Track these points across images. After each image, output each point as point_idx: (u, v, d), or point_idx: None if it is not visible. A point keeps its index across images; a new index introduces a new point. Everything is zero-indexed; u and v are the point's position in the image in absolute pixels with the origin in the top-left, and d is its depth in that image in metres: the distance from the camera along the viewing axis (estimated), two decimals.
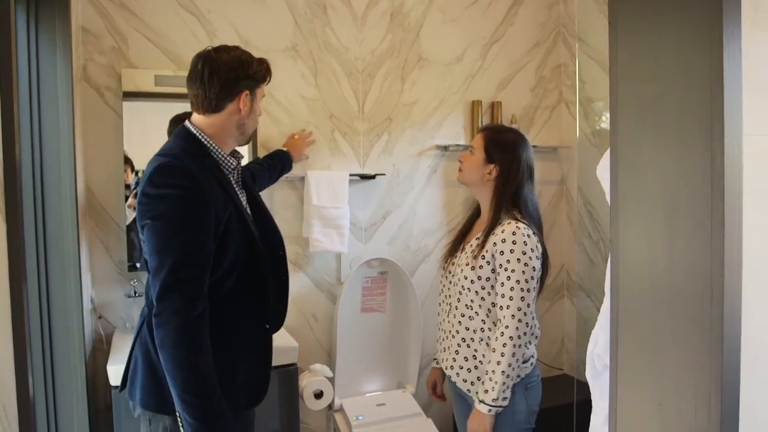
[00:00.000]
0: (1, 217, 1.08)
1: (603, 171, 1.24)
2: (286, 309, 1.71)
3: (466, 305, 1.78)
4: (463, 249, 1.85)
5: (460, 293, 1.80)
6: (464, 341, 1.79)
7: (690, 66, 0.93)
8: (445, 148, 2.76)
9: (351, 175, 2.55)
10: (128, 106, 2.24)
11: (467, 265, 1.77)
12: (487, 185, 1.82)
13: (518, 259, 1.67)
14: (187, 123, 1.52)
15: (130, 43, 2.24)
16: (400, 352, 2.66)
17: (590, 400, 1.36)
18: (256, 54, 2.43)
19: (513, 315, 1.65)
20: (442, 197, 2.79)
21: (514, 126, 2.81)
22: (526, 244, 1.67)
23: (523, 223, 1.73)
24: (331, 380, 2.40)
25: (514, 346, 1.64)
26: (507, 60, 2.87)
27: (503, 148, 1.81)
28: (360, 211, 2.65)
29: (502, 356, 1.64)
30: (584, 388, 1.48)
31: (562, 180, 3.04)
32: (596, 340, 1.29)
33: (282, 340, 2.21)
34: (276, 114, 2.46)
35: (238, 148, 1.62)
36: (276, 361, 2.12)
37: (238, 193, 1.56)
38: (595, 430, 1.31)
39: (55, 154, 1.77)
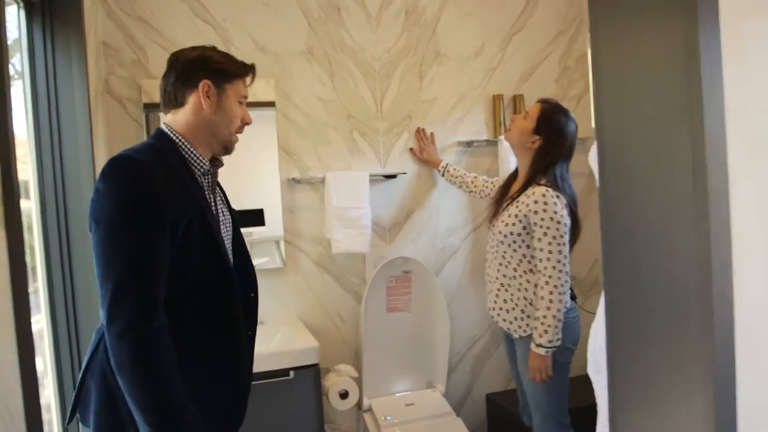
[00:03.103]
0: (0, 225, 1.13)
1: (594, 157, 1.19)
2: (256, 323, 1.53)
3: (503, 256, 2.05)
4: (505, 207, 2.07)
5: (498, 245, 2.06)
6: (503, 286, 2.07)
7: (665, 43, 0.88)
8: (468, 143, 2.72)
9: (372, 175, 2.55)
10: (156, 117, 2.31)
11: (502, 222, 2.03)
12: (528, 152, 2.04)
13: (551, 218, 1.91)
14: (161, 123, 1.39)
15: (149, 55, 2.30)
16: (428, 352, 2.64)
17: None
18: (273, 58, 2.46)
19: (554, 266, 1.90)
20: (467, 194, 2.75)
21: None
22: (556, 205, 1.91)
23: (551, 188, 1.95)
24: (357, 380, 2.40)
25: (560, 293, 1.89)
26: (528, 51, 2.81)
27: (552, 127, 2.00)
28: (383, 210, 2.64)
29: (551, 302, 1.89)
30: None
31: (592, 172, 2.94)
32: (596, 334, 1.24)
33: (303, 341, 2.23)
34: (294, 117, 2.48)
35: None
36: (297, 361, 2.15)
37: (210, 198, 1.40)
38: (601, 427, 1.26)
39: (74, 165, 1.85)
